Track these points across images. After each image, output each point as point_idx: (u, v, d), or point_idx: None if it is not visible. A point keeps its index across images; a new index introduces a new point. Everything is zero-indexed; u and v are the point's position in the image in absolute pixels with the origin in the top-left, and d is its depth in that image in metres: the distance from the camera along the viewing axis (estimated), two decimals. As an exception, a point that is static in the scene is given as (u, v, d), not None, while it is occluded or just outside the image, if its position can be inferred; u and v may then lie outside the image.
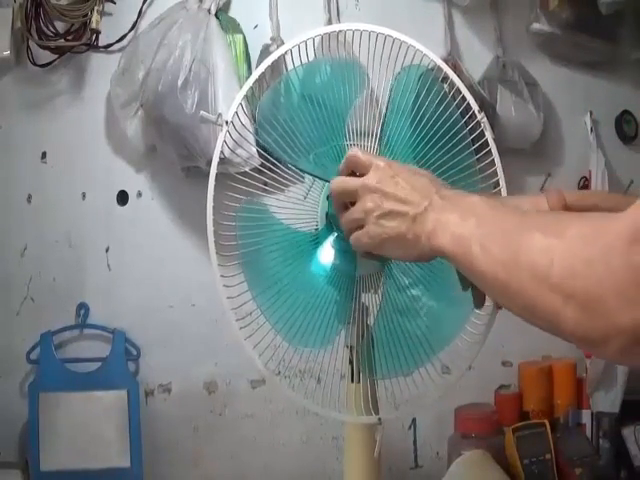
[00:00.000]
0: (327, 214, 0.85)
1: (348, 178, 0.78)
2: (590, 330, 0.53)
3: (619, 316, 0.50)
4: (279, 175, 0.85)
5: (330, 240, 0.85)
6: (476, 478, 1.39)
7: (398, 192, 0.73)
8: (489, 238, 0.63)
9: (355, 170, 0.78)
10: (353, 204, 0.77)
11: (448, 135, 0.89)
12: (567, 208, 0.82)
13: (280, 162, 0.85)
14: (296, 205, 0.86)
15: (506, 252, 0.60)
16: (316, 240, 0.86)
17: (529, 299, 0.57)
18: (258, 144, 0.87)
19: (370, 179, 0.75)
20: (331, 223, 0.84)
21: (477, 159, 0.91)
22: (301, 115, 0.86)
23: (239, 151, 0.87)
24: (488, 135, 0.93)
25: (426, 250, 0.71)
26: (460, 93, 0.92)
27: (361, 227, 0.76)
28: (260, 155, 0.87)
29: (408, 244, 0.72)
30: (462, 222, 0.67)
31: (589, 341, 0.54)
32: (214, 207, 0.82)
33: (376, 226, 0.74)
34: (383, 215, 0.73)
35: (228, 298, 0.81)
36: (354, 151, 0.79)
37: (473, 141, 0.92)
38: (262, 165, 0.86)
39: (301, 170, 0.85)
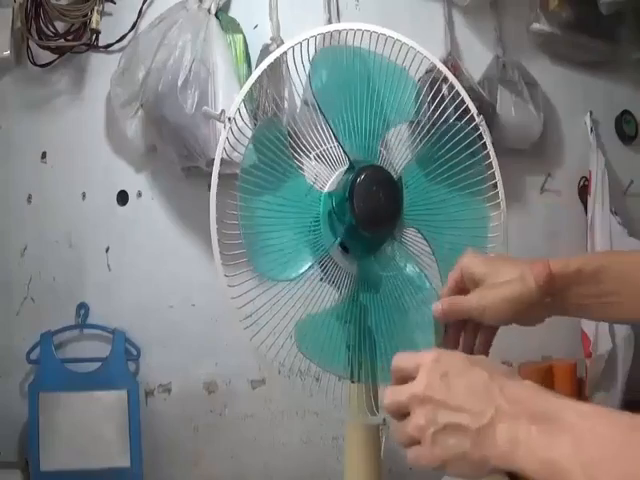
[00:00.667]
0: (329, 212, 0.84)
1: (397, 389, 0.65)
2: None
3: None
4: (279, 171, 0.85)
5: (331, 241, 0.85)
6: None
7: (451, 399, 0.60)
8: (595, 466, 0.51)
9: (403, 378, 0.65)
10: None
11: (447, 136, 0.89)
12: (552, 279, 0.76)
13: (278, 159, 0.85)
14: (297, 203, 0.86)
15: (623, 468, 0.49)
16: (316, 240, 0.86)
17: None
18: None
19: (418, 386, 0.62)
20: (333, 222, 0.84)
21: (476, 161, 0.92)
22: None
23: (238, 152, 0.87)
24: (486, 138, 0.94)
25: (499, 466, 0.58)
26: (459, 95, 0.92)
27: (418, 442, 0.63)
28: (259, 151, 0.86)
29: (476, 465, 0.59)
30: (550, 441, 0.54)
31: None
32: (216, 206, 0.82)
33: (434, 446, 0.61)
34: (439, 432, 0.60)
35: (232, 298, 0.81)
36: (396, 359, 0.67)
37: (471, 143, 0.92)
38: (260, 160, 0.86)
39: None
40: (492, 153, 0.93)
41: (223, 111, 0.83)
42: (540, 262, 0.77)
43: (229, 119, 0.83)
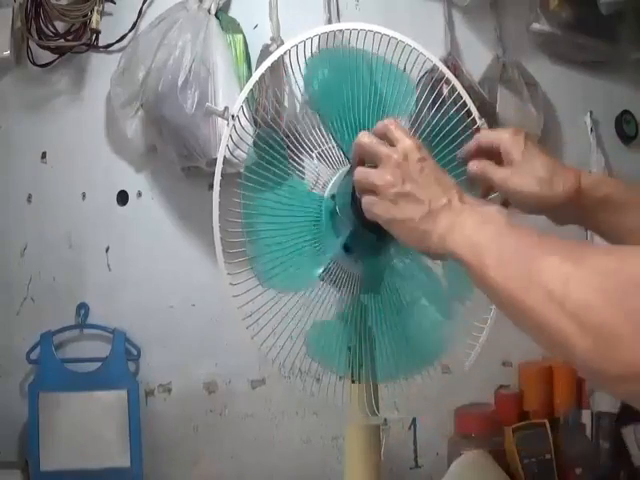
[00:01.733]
0: (332, 213, 0.84)
1: (377, 141, 0.76)
2: (603, 365, 0.51)
3: (636, 357, 0.49)
4: (279, 171, 0.85)
5: (332, 240, 0.85)
6: (476, 478, 1.39)
7: (421, 178, 0.72)
8: (505, 252, 0.62)
9: (384, 138, 0.76)
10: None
11: (449, 137, 0.89)
12: (580, 194, 0.81)
13: (279, 158, 0.85)
14: (297, 204, 0.86)
15: (521, 270, 0.59)
16: (317, 240, 0.86)
17: (541, 320, 0.56)
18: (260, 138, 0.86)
19: (397, 152, 0.73)
20: (335, 222, 0.84)
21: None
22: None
23: (238, 152, 0.87)
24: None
25: (436, 248, 0.69)
26: (461, 97, 0.92)
27: (373, 192, 0.74)
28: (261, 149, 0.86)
29: (416, 235, 0.71)
30: (479, 230, 0.66)
31: (600, 376, 0.52)
32: (219, 204, 0.82)
33: (390, 203, 0.72)
34: (400, 195, 0.71)
35: (234, 296, 0.81)
36: (390, 121, 0.77)
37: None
38: (262, 159, 0.85)
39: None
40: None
41: (227, 108, 0.83)
42: (572, 172, 0.83)
43: (232, 116, 0.82)
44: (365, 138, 0.77)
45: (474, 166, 0.85)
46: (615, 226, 0.82)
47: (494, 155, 0.85)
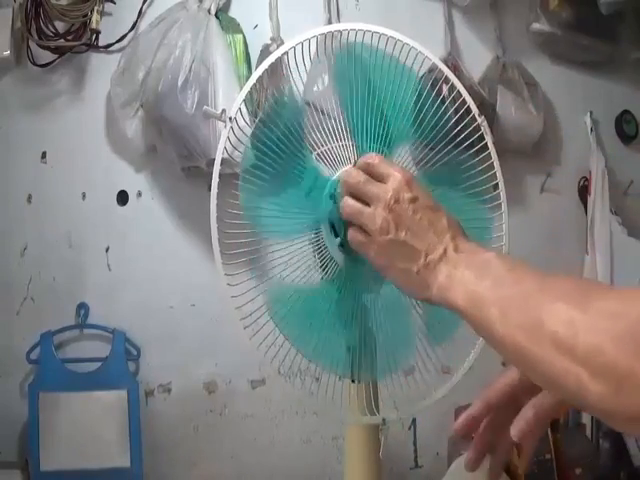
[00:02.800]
0: (331, 213, 0.84)
1: (365, 179, 0.74)
2: (619, 408, 0.51)
3: None
4: (279, 172, 0.85)
5: (332, 241, 0.85)
6: (476, 478, 1.39)
7: (415, 226, 0.70)
8: (508, 302, 0.61)
9: (370, 173, 0.75)
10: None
11: (449, 136, 0.89)
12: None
13: (279, 159, 0.85)
14: (297, 204, 0.86)
15: (527, 319, 0.58)
16: (317, 240, 0.86)
17: (552, 370, 0.55)
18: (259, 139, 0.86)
19: (387, 193, 0.71)
20: (334, 223, 0.84)
21: (477, 161, 0.91)
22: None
23: (239, 152, 0.87)
24: (488, 139, 0.93)
25: (436, 300, 0.68)
26: (460, 95, 0.92)
27: (361, 229, 0.73)
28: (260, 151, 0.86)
29: (414, 285, 0.70)
30: (478, 281, 0.64)
31: (616, 418, 0.52)
32: (217, 205, 0.82)
33: (384, 249, 0.71)
34: (395, 243, 0.70)
35: (232, 297, 0.81)
36: (372, 157, 0.76)
37: (473, 144, 0.92)
38: (260, 161, 0.85)
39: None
40: (494, 154, 0.93)
41: (224, 110, 0.83)
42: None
43: (230, 119, 0.82)
44: (351, 178, 0.75)
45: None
46: None
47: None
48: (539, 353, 0.56)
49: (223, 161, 0.82)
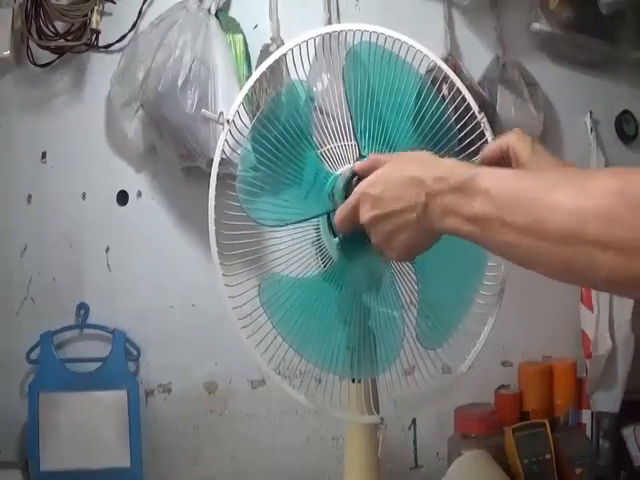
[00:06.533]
0: (330, 213, 0.84)
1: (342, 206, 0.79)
2: (633, 270, 0.53)
3: None
4: (274, 176, 0.85)
5: (330, 241, 0.85)
6: (476, 478, 1.39)
7: (387, 191, 0.73)
8: (507, 210, 0.61)
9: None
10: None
11: (449, 135, 0.89)
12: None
13: (279, 160, 0.85)
14: (296, 204, 0.86)
15: (530, 219, 0.59)
16: (317, 241, 0.86)
17: (562, 257, 0.57)
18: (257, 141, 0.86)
19: (355, 194, 0.76)
20: (333, 223, 0.84)
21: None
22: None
23: (238, 153, 0.87)
24: (488, 135, 0.94)
25: (437, 235, 0.71)
26: (460, 93, 0.92)
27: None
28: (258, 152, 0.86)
29: (421, 233, 0.71)
30: (469, 201, 0.65)
31: (631, 285, 0.54)
32: (215, 206, 0.82)
33: (382, 225, 0.73)
34: (384, 215, 0.73)
35: (230, 297, 0.81)
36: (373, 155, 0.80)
37: (474, 141, 0.92)
38: (260, 163, 0.86)
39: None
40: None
41: (222, 113, 0.83)
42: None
43: (228, 121, 0.83)
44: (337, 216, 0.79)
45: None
46: None
47: (504, 159, 0.87)
48: (549, 249, 0.57)
49: (222, 162, 0.82)
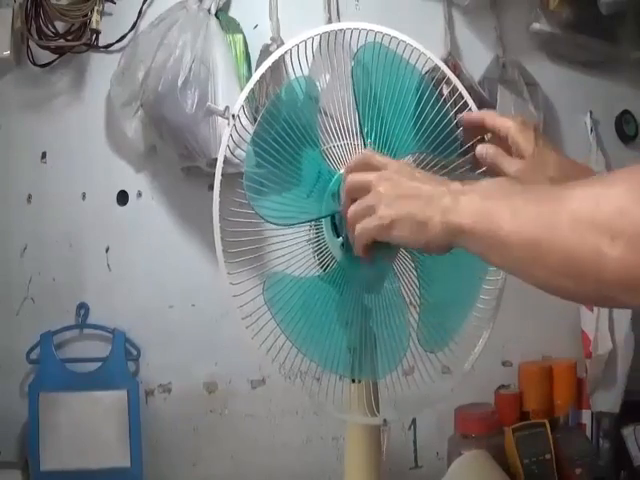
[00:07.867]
0: (332, 213, 0.84)
1: (363, 172, 0.76)
2: (637, 270, 0.51)
3: None
4: (277, 175, 0.85)
5: (333, 241, 0.85)
6: (476, 478, 1.39)
7: (413, 181, 0.71)
8: (519, 203, 0.61)
9: (368, 169, 0.76)
10: None
11: (449, 137, 0.89)
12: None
13: (279, 160, 0.85)
14: (297, 205, 0.86)
15: (540, 209, 0.59)
16: (316, 240, 0.86)
17: (568, 247, 0.55)
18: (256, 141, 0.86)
19: (387, 171, 0.74)
20: (335, 222, 0.84)
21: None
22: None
23: (239, 151, 0.87)
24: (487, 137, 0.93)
25: (438, 231, 0.67)
26: (461, 95, 0.92)
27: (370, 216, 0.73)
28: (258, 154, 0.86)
29: (418, 226, 0.68)
30: (485, 196, 0.64)
31: (635, 283, 0.52)
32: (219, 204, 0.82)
33: (387, 207, 0.71)
34: (396, 197, 0.71)
35: (234, 296, 0.81)
36: (367, 151, 0.78)
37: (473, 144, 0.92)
38: (259, 164, 0.86)
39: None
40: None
41: (227, 107, 0.83)
42: (584, 172, 0.82)
43: (233, 116, 0.82)
44: (350, 176, 0.77)
45: (485, 149, 0.86)
46: None
47: (500, 141, 0.86)
48: (552, 237, 0.56)
49: (225, 160, 0.82)
